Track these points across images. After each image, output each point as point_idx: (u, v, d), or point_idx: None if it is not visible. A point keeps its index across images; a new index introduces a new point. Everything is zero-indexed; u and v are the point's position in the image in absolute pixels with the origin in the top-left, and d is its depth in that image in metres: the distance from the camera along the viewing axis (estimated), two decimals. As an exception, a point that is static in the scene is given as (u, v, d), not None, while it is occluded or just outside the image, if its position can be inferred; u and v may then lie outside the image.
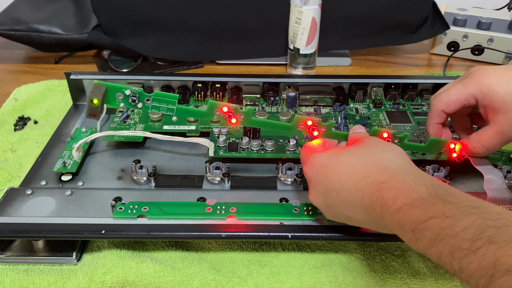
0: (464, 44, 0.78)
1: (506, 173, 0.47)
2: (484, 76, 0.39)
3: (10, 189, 0.44)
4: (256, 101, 0.58)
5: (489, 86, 0.39)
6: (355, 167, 0.35)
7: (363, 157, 0.35)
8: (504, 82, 0.38)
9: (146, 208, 0.41)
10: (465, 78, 0.41)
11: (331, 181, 0.35)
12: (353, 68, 0.77)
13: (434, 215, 0.28)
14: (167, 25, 0.73)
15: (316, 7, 0.64)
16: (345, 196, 0.35)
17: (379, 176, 0.33)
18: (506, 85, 0.38)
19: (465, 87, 0.40)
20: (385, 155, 0.35)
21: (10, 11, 0.77)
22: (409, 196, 0.30)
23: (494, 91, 0.38)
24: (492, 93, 0.39)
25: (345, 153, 0.36)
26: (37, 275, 0.40)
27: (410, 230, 0.29)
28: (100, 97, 0.39)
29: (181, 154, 0.52)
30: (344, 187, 0.35)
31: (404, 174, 0.33)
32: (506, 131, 0.39)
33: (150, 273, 0.40)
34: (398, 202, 0.31)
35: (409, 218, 0.30)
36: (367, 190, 0.33)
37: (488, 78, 0.39)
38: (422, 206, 0.29)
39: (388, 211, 0.31)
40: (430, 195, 0.30)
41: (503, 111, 0.38)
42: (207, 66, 0.77)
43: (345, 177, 0.35)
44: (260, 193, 0.45)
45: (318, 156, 0.37)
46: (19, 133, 0.58)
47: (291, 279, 0.40)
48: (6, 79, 0.73)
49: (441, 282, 0.40)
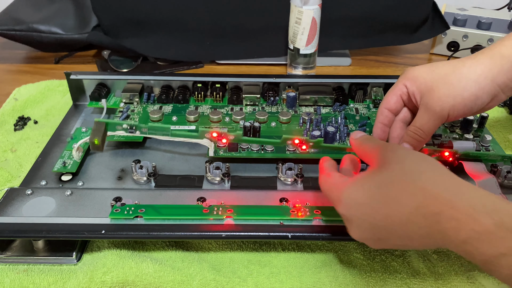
0: (464, 44, 0.78)
1: (506, 173, 0.47)
2: (412, 69, 0.44)
3: (10, 189, 0.44)
4: (256, 101, 0.58)
5: (414, 73, 0.44)
6: (400, 200, 0.31)
7: (403, 185, 0.32)
8: (427, 70, 0.43)
9: (143, 210, 0.41)
10: (400, 76, 0.45)
11: (378, 220, 0.32)
12: (353, 68, 0.77)
13: (507, 253, 0.27)
14: (167, 25, 0.74)
15: (316, 7, 0.64)
16: (397, 231, 0.32)
17: (431, 207, 0.30)
18: (430, 72, 0.43)
19: (398, 82, 0.45)
20: (426, 177, 0.32)
21: (10, 11, 0.77)
22: (473, 228, 0.28)
23: (418, 77, 0.43)
24: (417, 79, 0.43)
25: (379, 183, 0.33)
26: (37, 275, 0.40)
27: (482, 262, 0.28)
28: (101, 136, 0.42)
29: (181, 154, 0.52)
30: (394, 223, 0.32)
31: (459, 201, 0.29)
32: (434, 108, 0.42)
33: (150, 273, 0.40)
34: (462, 235, 0.29)
35: (478, 251, 0.28)
36: (423, 223, 0.30)
37: (414, 70, 0.44)
38: (491, 241, 0.28)
39: (453, 243, 0.29)
40: (497, 227, 0.28)
41: (427, 91, 0.42)
42: (207, 66, 0.77)
43: (392, 212, 0.32)
44: (260, 193, 0.45)
45: (351, 194, 0.34)
46: (19, 133, 0.58)
47: (291, 279, 0.40)
48: (6, 79, 0.73)
49: (440, 282, 0.40)
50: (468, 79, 0.41)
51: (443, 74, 0.42)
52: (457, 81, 0.41)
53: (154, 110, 0.56)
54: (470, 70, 0.41)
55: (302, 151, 0.48)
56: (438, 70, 0.42)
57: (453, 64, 0.42)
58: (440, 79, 0.42)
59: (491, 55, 0.41)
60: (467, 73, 0.41)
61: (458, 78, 0.41)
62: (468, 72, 0.41)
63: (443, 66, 0.43)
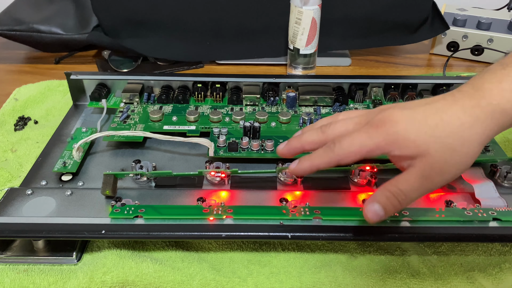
0: (464, 44, 0.78)
1: (506, 173, 0.47)
2: (390, 124, 0.34)
3: (10, 189, 0.44)
4: (256, 101, 0.58)
5: (397, 135, 0.33)
6: None
7: None
8: (414, 126, 0.33)
9: (143, 210, 0.41)
10: (370, 127, 0.35)
11: None
12: (353, 68, 0.77)
13: None
14: (167, 25, 0.74)
15: (316, 7, 0.64)
16: None
17: None
18: (417, 128, 0.33)
19: (370, 138, 0.34)
20: None
21: (10, 11, 0.77)
22: None
23: (404, 138, 0.33)
24: (402, 141, 0.33)
25: None
26: (37, 275, 0.40)
27: None
28: (111, 187, 0.43)
29: (181, 154, 0.52)
30: None
31: None
32: (428, 176, 0.33)
33: (150, 273, 0.40)
34: None
35: None
36: None
37: (395, 126, 0.34)
38: None
39: None
40: None
41: (421, 155, 0.33)
42: (207, 66, 0.77)
43: None
44: (260, 193, 0.45)
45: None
46: (19, 133, 0.58)
47: (291, 279, 0.40)
48: (6, 79, 0.73)
49: (440, 282, 0.40)
50: (472, 143, 0.33)
51: (439, 135, 0.33)
52: (460, 145, 0.33)
53: (154, 110, 0.56)
54: (471, 131, 0.33)
55: None
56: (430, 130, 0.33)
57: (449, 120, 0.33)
58: (438, 142, 0.33)
59: (492, 112, 0.33)
60: (468, 135, 0.33)
61: (460, 142, 0.33)
62: (470, 134, 0.33)
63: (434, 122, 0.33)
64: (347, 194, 0.45)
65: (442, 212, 0.41)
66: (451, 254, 0.43)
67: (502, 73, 0.34)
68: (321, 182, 0.47)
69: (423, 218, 0.41)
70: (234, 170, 0.46)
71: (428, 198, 0.45)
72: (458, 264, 0.42)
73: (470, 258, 0.42)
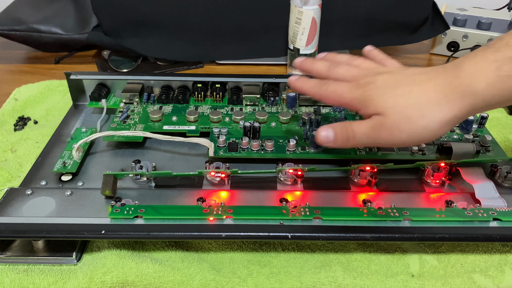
0: (464, 44, 0.78)
1: (506, 173, 0.47)
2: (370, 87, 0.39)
3: (10, 189, 0.44)
4: (256, 101, 0.58)
5: (367, 97, 0.38)
6: None
7: None
8: (384, 90, 0.37)
9: (143, 210, 0.41)
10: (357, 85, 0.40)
11: None
12: (353, 68, 0.77)
13: None
14: (167, 25, 0.74)
15: (316, 7, 0.64)
16: None
17: None
18: (384, 93, 0.37)
19: (350, 93, 0.40)
20: None
21: (10, 11, 0.77)
22: None
23: (370, 99, 0.38)
24: (367, 101, 0.38)
25: None
26: (37, 275, 0.40)
27: None
28: (110, 187, 0.43)
29: (181, 154, 0.52)
30: None
31: None
32: (377, 129, 0.37)
33: (150, 273, 0.40)
34: None
35: None
36: None
37: (372, 89, 0.38)
38: None
39: None
40: None
41: (378, 113, 0.37)
42: (207, 66, 0.77)
43: None
44: (260, 193, 0.45)
45: None
46: (19, 133, 0.58)
47: (291, 279, 0.40)
48: (6, 79, 0.73)
49: (440, 283, 0.40)
50: (432, 119, 0.35)
51: (400, 103, 0.36)
52: (419, 117, 0.35)
53: (154, 110, 0.56)
54: (435, 108, 0.35)
55: None
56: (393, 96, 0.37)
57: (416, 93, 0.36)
58: (396, 108, 0.36)
59: (462, 92, 0.34)
60: (431, 111, 0.35)
61: (419, 115, 0.35)
62: (433, 110, 0.35)
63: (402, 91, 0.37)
64: (347, 194, 0.45)
65: (442, 212, 0.41)
66: (451, 254, 0.43)
67: (482, 54, 0.35)
68: (321, 182, 0.47)
69: (423, 218, 0.41)
70: (234, 170, 0.46)
71: (428, 198, 0.45)
72: (458, 264, 0.42)
73: (470, 258, 0.42)
